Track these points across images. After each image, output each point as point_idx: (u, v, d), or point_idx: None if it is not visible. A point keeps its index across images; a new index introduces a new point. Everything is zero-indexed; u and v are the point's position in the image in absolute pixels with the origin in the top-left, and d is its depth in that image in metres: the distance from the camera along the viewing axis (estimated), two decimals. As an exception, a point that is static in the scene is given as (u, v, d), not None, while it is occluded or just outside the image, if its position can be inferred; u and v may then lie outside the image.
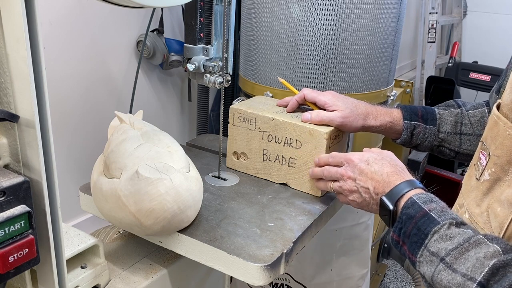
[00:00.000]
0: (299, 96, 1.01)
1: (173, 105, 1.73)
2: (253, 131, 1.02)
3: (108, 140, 0.91)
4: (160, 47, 1.49)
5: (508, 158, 0.63)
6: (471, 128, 0.97)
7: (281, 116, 0.99)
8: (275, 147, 1.00)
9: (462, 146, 0.97)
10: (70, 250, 0.76)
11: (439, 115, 0.99)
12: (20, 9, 0.50)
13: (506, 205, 0.62)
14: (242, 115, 1.02)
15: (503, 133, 0.64)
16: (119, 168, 0.79)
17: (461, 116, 0.98)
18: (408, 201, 0.73)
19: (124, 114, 0.99)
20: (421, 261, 0.67)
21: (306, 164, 0.97)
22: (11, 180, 0.54)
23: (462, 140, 0.97)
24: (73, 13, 1.30)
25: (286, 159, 1.00)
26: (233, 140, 1.06)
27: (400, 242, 0.73)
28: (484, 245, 0.61)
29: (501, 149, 0.64)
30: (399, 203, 0.75)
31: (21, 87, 0.54)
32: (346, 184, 0.86)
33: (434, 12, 3.01)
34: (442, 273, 0.63)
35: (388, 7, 1.20)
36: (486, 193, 0.67)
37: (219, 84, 0.98)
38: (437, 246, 0.65)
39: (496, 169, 0.65)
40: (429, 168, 2.44)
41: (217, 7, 0.98)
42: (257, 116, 1.00)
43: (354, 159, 0.85)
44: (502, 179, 0.64)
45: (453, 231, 0.65)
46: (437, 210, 0.70)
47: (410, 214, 0.71)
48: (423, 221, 0.69)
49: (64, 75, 1.32)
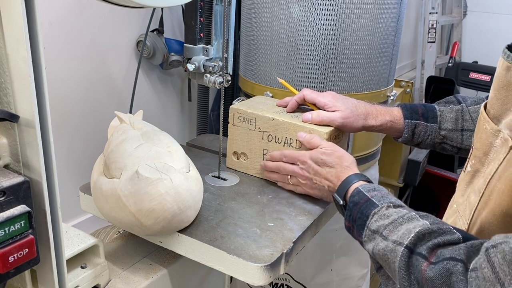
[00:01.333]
0: (298, 96, 1.02)
1: (173, 105, 1.73)
2: (253, 131, 1.02)
3: (108, 140, 0.90)
4: (160, 47, 1.49)
5: (484, 150, 0.66)
6: (473, 124, 0.97)
7: (281, 116, 0.99)
8: (275, 147, 1.00)
9: (464, 142, 0.98)
10: (70, 250, 0.76)
11: (440, 112, 1.00)
12: (20, 9, 0.50)
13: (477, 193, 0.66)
14: (242, 115, 1.02)
15: (482, 127, 0.68)
16: (119, 168, 0.79)
17: (462, 112, 0.98)
18: (354, 190, 0.83)
19: (124, 114, 0.99)
20: (366, 240, 0.76)
21: None
22: (11, 180, 0.54)
23: (464, 136, 0.98)
24: (73, 13, 1.30)
25: None
26: (233, 140, 1.06)
27: (351, 227, 0.81)
28: (416, 220, 0.70)
29: (480, 142, 0.68)
30: (347, 194, 0.85)
31: (21, 87, 0.54)
32: (304, 182, 0.95)
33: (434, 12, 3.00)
34: (379, 244, 0.71)
35: (388, 7, 1.20)
36: (468, 184, 0.71)
37: (219, 84, 0.98)
38: (376, 224, 0.74)
39: (476, 161, 0.69)
40: (429, 168, 2.44)
41: (217, 7, 0.98)
42: (257, 116, 1.00)
43: (308, 160, 0.93)
44: (480, 170, 0.68)
45: (390, 211, 0.74)
46: (378, 197, 0.78)
47: (355, 201, 0.80)
48: (365, 205, 0.78)
49: (64, 75, 1.32)
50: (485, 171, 0.66)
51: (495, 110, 0.66)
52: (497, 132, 0.64)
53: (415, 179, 2.20)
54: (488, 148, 0.66)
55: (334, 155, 0.91)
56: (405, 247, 0.66)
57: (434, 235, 0.64)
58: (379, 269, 0.75)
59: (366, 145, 1.39)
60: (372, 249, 0.73)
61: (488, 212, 0.63)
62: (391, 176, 2.14)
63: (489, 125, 0.66)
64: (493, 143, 0.65)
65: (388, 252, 0.68)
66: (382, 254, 0.70)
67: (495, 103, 0.66)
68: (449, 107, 1.00)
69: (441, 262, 0.60)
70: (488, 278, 0.53)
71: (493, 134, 0.65)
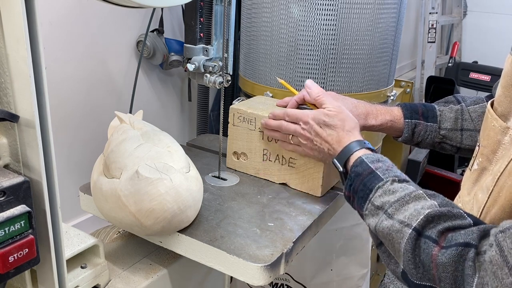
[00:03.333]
0: (298, 96, 1.01)
1: (173, 105, 1.73)
2: (253, 131, 1.02)
3: (108, 140, 0.90)
4: (160, 47, 1.49)
5: (492, 148, 0.66)
6: (472, 123, 0.97)
7: None
8: (275, 147, 1.00)
9: (464, 142, 0.98)
10: (70, 250, 0.76)
11: (440, 112, 1.00)
12: (20, 9, 0.50)
13: (485, 191, 0.66)
14: (242, 115, 1.02)
15: (489, 124, 0.68)
16: (119, 168, 0.79)
17: (462, 112, 0.99)
18: (357, 160, 0.80)
19: (124, 114, 0.99)
20: (367, 214, 0.74)
21: (306, 164, 0.97)
22: (11, 180, 0.54)
23: (464, 136, 0.98)
24: (73, 13, 1.30)
25: (286, 159, 1.00)
26: (233, 140, 1.05)
27: (351, 197, 0.80)
28: (423, 199, 0.68)
29: (487, 139, 0.68)
30: (348, 162, 0.82)
31: (21, 87, 0.54)
32: (305, 143, 0.92)
33: (434, 12, 3.01)
34: (384, 222, 0.69)
35: (388, 7, 1.20)
36: (475, 182, 0.71)
37: (219, 84, 0.98)
38: (380, 200, 0.72)
39: (483, 159, 0.69)
40: (429, 168, 2.44)
41: (217, 7, 0.98)
42: (257, 116, 1.00)
43: (310, 120, 0.91)
44: (487, 168, 0.68)
45: (395, 186, 0.72)
46: (383, 169, 0.76)
47: (358, 171, 0.78)
48: (369, 178, 0.75)
49: (64, 75, 1.32)
50: (493, 169, 0.66)
51: (503, 108, 0.66)
52: (506, 129, 0.65)
53: (415, 179, 2.20)
54: (496, 145, 0.66)
55: (337, 117, 0.88)
56: (413, 229, 0.64)
57: (444, 218, 0.63)
58: (380, 245, 0.73)
59: (366, 145, 1.39)
60: (375, 225, 0.71)
61: (497, 209, 0.63)
62: (391, 176, 2.14)
63: (498, 123, 0.66)
64: (502, 141, 0.65)
65: (394, 232, 0.67)
66: (386, 233, 0.68)
67: (503, 101, 0.66)
68: (448, 106, 1.00)
69: (454, 247, 0.59)
70: (496, 262, 0.54)
71: (502, 131, 0.65)
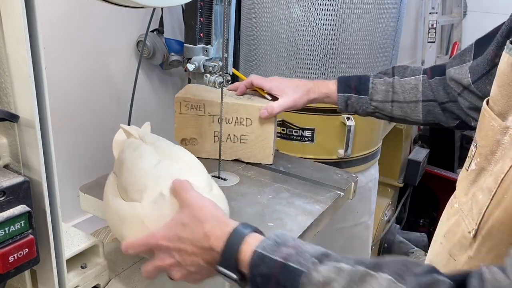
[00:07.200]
0: (247, 81, 1.11)
1: (173, 105, 1.73)
2: (202, 116, 1.09)
3: (117, 157, 0.83)
4: (160, 47, 1.49)
5: (490, 148, 0.65)
6: (402, 95, 1.03)
7: (229, 99, 1.07)
8: (225, 128, 1.07)
9: (393, 113, 1.05)
10: (70, 250, 0.76)
11: (373, 85, 1.05)
12: (20, 9, 0.49)
13: (486, 192, 0.64)
14: (190, 102, 1.08)
15: (487, 124, 0.67)
16: (139, 190, 0.72)
17: (393, 85, 1.04)
18: (255, 257, 0.58)
19: (130, 127, 0.89)
20: None
21: (258, 137, 1.08)
22: (11, 180, 0.54)
23: (393, 107, 1.04)
24: (73, 13, 1.30)
25: (238, 136, 1.08)
26: (181, 128, 1.11)
27: None
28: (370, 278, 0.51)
29: (485, 139, 0.67)
30: (240, 264, 0.60)
31: (21, 87, 0.54)
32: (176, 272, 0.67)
33: (434, 12, 3.00)
34: None
35: (388, 7, 1.20)
36: (472, 183, 0.70)
37: (219, 84, 0.98)
38: None
39: (481, 159, 0.67)
40: (429, 168, 2.45)
41: (217, 7, 0.98)
42: (206, 102, 1.07)
43: (160, 241, 0.67)
44: (486, 168, 0.66)
45: (324, 273, 0.54)
46: (293, 255, 0.57)
47: (265, 273, 0.57)
48: (283, 276, 0.56)
49: (64, 75, 1.31)
50: (493, 170, 0.65)
51: (500, 107, 0.65)
52: (506, 129, 0.63)
53: (415, 179, 2.21)
54: (495, 145, 0.65)
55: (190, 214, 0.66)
56: None
57: None
58: None
59: (366, 145, 1.39)
60: None
61: (501, 211, 0.62)
62: (391, 176, 2.15)
63: (496, 122, 0.65)
64: (501, 141, 0.64)
65: None
66: None
67: (500, 100, 0.65)
68: (382, 79, 1.05)
69: None
70: None
71: (501, 131, 0.64)
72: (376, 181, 1.55)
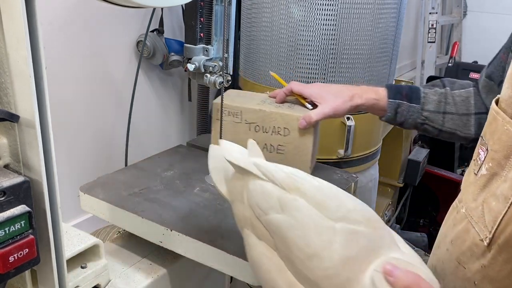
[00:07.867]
0: (287, 88, 1.05)
1: (173, 105, 1.73)
2: (239, 124, 1.04)
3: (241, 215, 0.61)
4: (160, 47, 1.49)
5: (505, 153, 0.63)
6: (455, 107, 0.99)
7: (267, 107, 1.03)
8: (262, 137, 1.03)
9: (445, 125, 1.00)
10: (70, 250, 0.76)
11: (424, 94, 1.02)
12: (20, 9, 0.49)
13: (501, 200, 0.62)
14: (227, 109, 1.04)
15: (501, 128, 0.64)
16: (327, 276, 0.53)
17: (445, 95, 1.01)
18: None
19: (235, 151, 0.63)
20: None
21: (296, 149, 1.02)
22: (11, 180, 0.54)
23: (445, 119, 1.00)
24: (73, 13, 1.30)
25: (275, 146, 1.03)
26: (218, 134, 1.08)
27: None
28: None
29: (499, 144, 0.64)
30: None
31: (21, 87, 0.54)
32: None
33: (434, 12, 3.01)
34: None
35: (388, 7, 1.20)
36: (483, 188, 0.67)
37: (219, 84, 0.98)
38: None
39: (493, 164, 0.65)
40: (429, 168, 2.44)
41: (217, 7, 0.98)
42: (243, 109, 1.03)
43: None
44: (499, 173, 0.64)
45: None
46: None
47: None
48: None
49: (64, 75, 1.31)
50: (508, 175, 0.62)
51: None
52: None
53: (415, 179, 2.20)
54: (509, 150, 0.62)
55: None
56: None
57: None
58: None
59: (366, 145, 1.39)
60: None
61: None
62: (391, 176, 2.14)
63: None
64: None
65: None
66: None
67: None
68: (433, 89, 1.02)
69: None
70: None
71: None
72: (376, 181, 1.55)
